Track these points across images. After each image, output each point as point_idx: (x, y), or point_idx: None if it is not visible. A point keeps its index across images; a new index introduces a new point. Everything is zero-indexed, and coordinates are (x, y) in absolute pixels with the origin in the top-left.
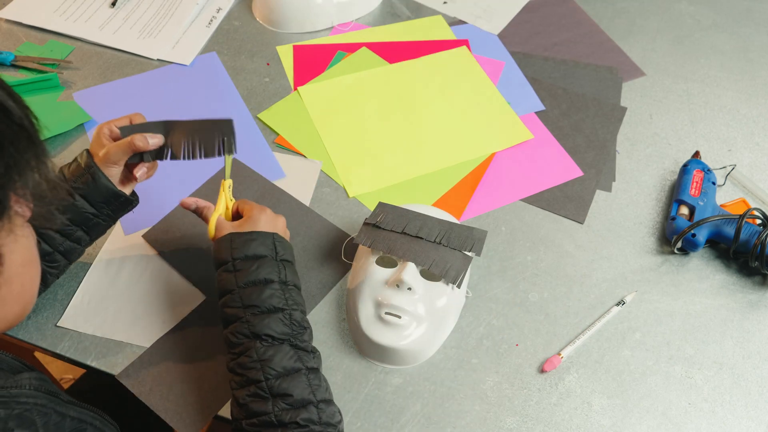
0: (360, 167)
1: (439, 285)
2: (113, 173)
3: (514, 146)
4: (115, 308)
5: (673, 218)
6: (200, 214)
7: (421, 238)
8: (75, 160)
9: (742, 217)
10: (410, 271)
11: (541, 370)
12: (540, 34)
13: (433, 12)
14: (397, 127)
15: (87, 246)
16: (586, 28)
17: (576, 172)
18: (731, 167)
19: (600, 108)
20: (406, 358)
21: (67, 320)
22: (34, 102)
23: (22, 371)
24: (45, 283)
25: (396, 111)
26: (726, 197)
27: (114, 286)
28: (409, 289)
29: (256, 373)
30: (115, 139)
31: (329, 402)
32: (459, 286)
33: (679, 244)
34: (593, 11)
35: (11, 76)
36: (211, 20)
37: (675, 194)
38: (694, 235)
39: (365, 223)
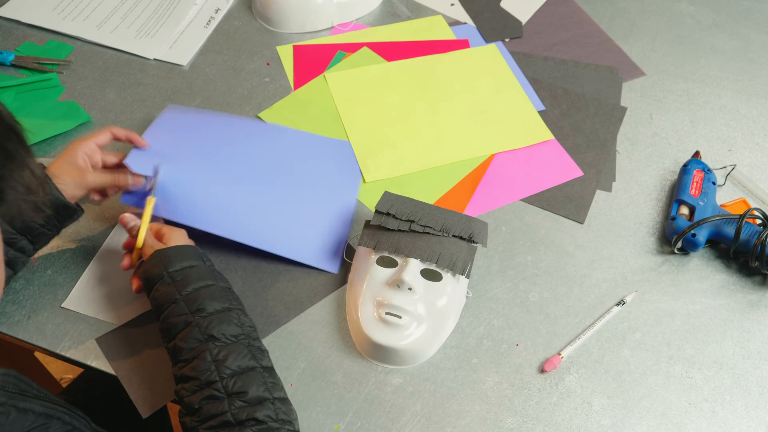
0: (379, 154)
1: (440, 285)
2: (68, 183)
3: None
4: (115, 291)
5: (674, 218)
6: (130, 231)
7: (426, 233)
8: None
9: (742, 217)
10: (411, 271)
11: (541, 370)
12: (540, 34)
13: (433, 12)
14: (419, 118)
15: (31, 255)
16: (586, 28)
17: (576, 172)
18: (731, 167)
19: (600, 108)
20: (406, 358)
21: (70, 302)
22: (34, 102)
23: None
24: None
25: (419, 102)
26: (726, 197)
27: (116, 269)
28: (410, 289)
29: (210, 375)
30: (93, 166)
31: (285, 400)
32: (468, 276)
33: (679, 244)
34: (593, 11)
35: (11, 76)
36: (209, 21)
37: (675, 194)
38: (694, 235)
39: (367, 224)
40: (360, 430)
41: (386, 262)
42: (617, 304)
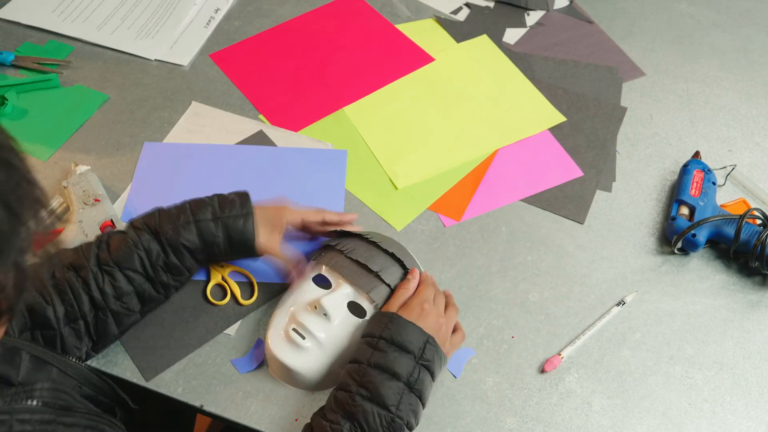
0: (404, 161)
1: (361, 322)
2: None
3: (515, 146)
4: None
5: (674, 218)
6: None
7: (374, 272)
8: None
9: (742, 217)
10: (334, 299)
11: (542, 371)
12: (540, 34)
13: (433, 12)
14: (434, 120)
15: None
16: (586, 28)
17: (576, 172)
18: (731, 167)
19: (600, 108)
20: (295, 380)
21: None
22: (36, 102)
23: (34, 382)
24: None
25: (430, 107)
26: (726, 197)
27: None
28: (325, 314)
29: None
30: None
31: None
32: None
33: (679, 245)
34: (593, 11)
35: (11, 76)
36: (209, 21)
37: (675, 194)
38: (694, 236)
39: (326, 244)
40: None
41: (321, 283)
42: (617, 304)
